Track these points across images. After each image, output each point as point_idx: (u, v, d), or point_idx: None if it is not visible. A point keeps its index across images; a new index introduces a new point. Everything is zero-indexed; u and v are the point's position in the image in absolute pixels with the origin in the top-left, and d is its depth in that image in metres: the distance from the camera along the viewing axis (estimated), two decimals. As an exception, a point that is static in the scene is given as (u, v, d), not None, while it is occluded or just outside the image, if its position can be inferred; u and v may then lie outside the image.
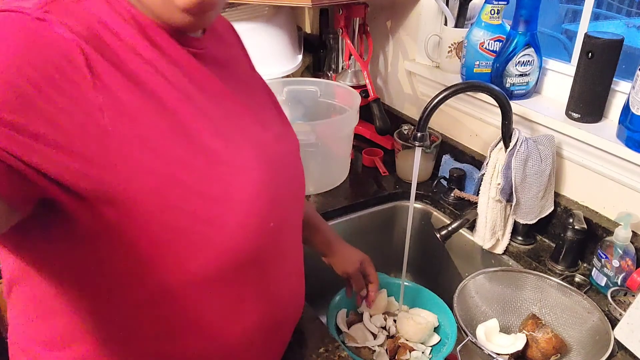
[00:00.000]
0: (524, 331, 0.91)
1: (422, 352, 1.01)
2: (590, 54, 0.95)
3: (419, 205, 1.27)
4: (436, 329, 1.06)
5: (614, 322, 0.85)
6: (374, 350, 0.99)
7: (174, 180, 0.50)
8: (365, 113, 1.36)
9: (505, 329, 0.96)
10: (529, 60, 1.09)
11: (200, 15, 0.53)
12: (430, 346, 1.04)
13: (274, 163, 0.62)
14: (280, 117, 0.74)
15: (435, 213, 1.26)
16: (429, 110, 0.92)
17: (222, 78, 0.61)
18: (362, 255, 0.98)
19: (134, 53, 0.50)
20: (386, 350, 1.00)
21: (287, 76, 1.40)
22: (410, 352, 1.00)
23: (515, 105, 1.08)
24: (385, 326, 1.06)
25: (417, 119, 0.94)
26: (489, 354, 0.82)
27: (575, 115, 1.02)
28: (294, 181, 0.70)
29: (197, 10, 0.52)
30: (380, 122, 1.32)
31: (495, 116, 1.16)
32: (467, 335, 0.84)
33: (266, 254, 0.61)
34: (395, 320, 1.06)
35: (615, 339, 0.82)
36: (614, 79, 0.98)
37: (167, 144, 0.51)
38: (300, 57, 1.46)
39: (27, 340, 0.65)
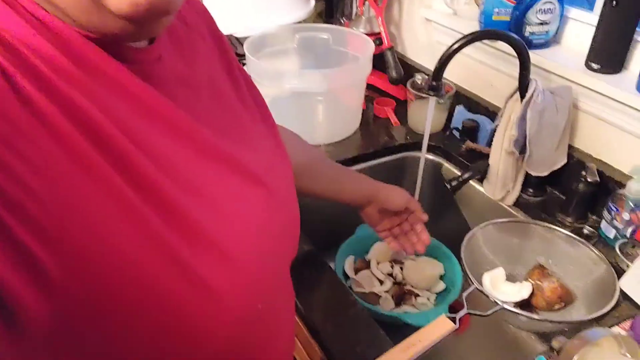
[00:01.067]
0: (529, 280, 0.93)
1: (427, 299, 1.03)
2: (614, 2, 0.92)
3: (430, 157, 1.27)
4: (442, 277, 1.08)
5: (620, 273, 0.86)
6: (380, 296, 1.01)
7: (128, 274, 0.35)
8: (379, 62, 1.33)
9: (511, 278, 0.98)
10: (550, 9, 1.05)
11: (147, 23, 0.37)
12: (436, 293, 1.06)
13: (265, 226, 0.48)
14: (271, 136, 0.57)
15: (446, 164, 1.25)
16: (445, 59, 0.90)
17: (191, 104, 0.44)
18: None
19: (58, 77, 0.33)
20: (392, 296, 1.02)
21: (299, 23, 1.36)
22: (415, 298, 1.02)
23: (534, 55, 1.05)
24: (392, 273, 1.08)
25: (432, 68, 0.92)
26: (494, 301, 0.83)
27: (595, 65, 0.99)
28: (288, 236, 0.54)
29: (142, 17, 0.34)
30: (394, 72, 1.29)
31: (512, 66, 1.13)
32: (473, 283, 0.86)
33: (252, 339, 0.49)
34: (402, 268, 1.08)
35: (620, 290, 0.83)
36: (637, 29, 0.95)
37: (119, 221, 0.34)
38: (312, 2, 1.41)
39: None
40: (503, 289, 0.92)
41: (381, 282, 1.04)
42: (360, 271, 1.06)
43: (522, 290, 0.90)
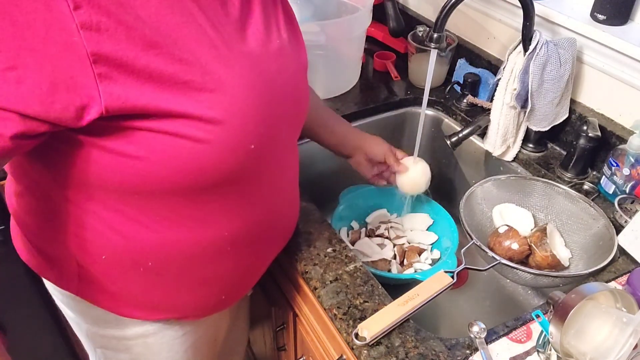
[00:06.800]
0: (528, 239, 0.93)
1: (431, 252, 1.04)
2: (625, -52, 0.88)
3: (430, 112, 1.25)
4: (437, 242, 1.09)
5: (619, 229, 0.86)
6: (390, 261, 1.02)
7: (152, 96, 0.48)
8: (379, 13, 1.29)
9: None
10: (557, -45, 1.01)
11: None
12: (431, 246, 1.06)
13: (267, 83, 0.58)
14: (291, 26, 0.68)
15: (446, 120, 1.24)
16: (448, 9, 0.87)
17: None
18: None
19: None
20: (394, 255, 1.03)
21: (296, -29, 1.31)
22: (419, 255, 1.02)
23: (538, 6, 1.01)
24: (386, 235, 1.08)
25: (434, 20, 0.89)
26: (492, 257, 0.84)
27: (601, 16, 0.96)
28: (291, 103, 0.65)
29: None
30: (394, 23, 1.25)
31: (515, 17, 1.10)
32: (471, 239, 0.86)
33: (246, 172, 0.61)
34: (391, 227, 1.09)
35: (618, 245, 0.83)
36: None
37: (150, 55, 0.47)
38: (310, -50, 1.36)
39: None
40: (512, 218, 0.92)
41: (380, 246, 1.05)
42: (357, 242, 1.06)
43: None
